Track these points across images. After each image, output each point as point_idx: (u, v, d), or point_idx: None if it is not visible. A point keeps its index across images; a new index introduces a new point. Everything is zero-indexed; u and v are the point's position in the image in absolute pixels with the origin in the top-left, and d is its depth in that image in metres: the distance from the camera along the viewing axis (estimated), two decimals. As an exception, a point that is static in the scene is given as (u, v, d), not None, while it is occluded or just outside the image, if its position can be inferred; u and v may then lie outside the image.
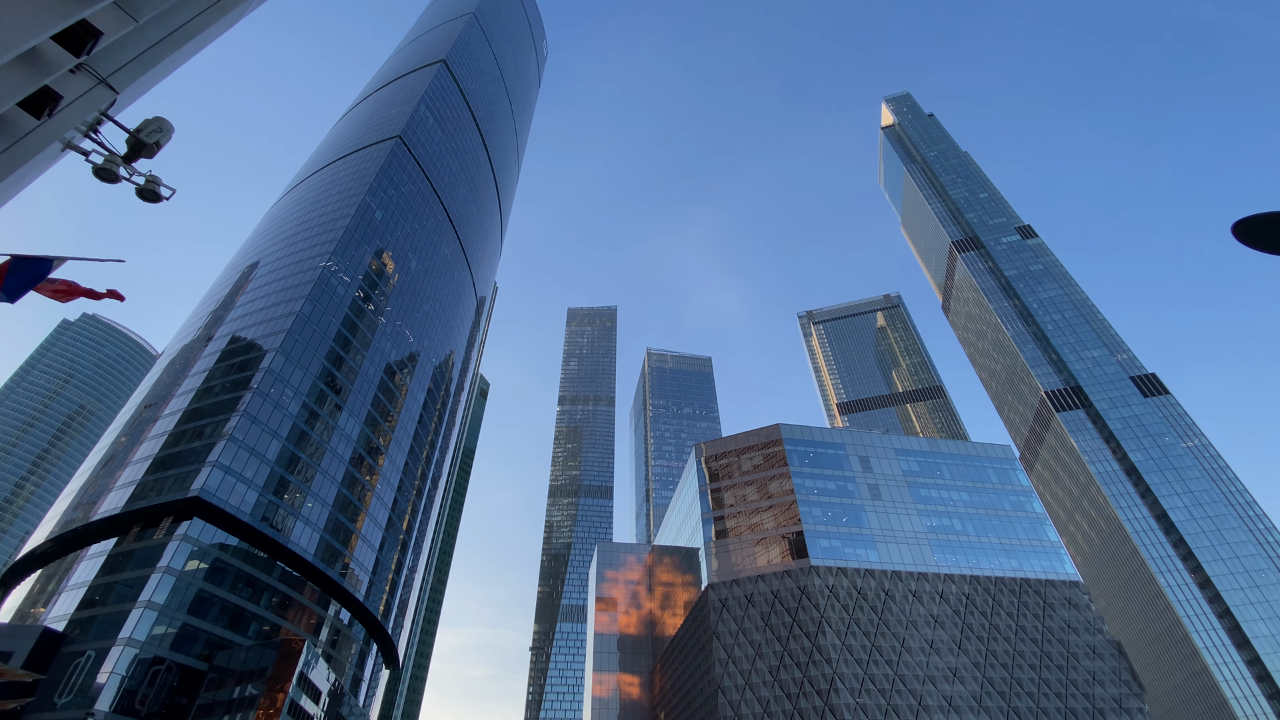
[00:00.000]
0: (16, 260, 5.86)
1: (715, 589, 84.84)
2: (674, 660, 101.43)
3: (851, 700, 71.08)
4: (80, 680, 56.02)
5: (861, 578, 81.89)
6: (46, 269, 5.99)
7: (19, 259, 5.86)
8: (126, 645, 57.89)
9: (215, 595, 67.47)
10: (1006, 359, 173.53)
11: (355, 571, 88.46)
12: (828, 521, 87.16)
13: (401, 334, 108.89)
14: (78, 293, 6.35)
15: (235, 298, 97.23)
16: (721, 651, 78.86)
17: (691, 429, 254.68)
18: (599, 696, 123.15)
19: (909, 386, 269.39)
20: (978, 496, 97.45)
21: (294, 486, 78.73)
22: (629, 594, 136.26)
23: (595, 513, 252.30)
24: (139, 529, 68.51)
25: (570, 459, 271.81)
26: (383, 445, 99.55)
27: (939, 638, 78.67)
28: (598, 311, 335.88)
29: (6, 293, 5.51)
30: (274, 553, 75.15)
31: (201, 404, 77.34)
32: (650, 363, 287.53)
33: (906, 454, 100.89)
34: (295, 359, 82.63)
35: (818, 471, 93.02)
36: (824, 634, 75.75)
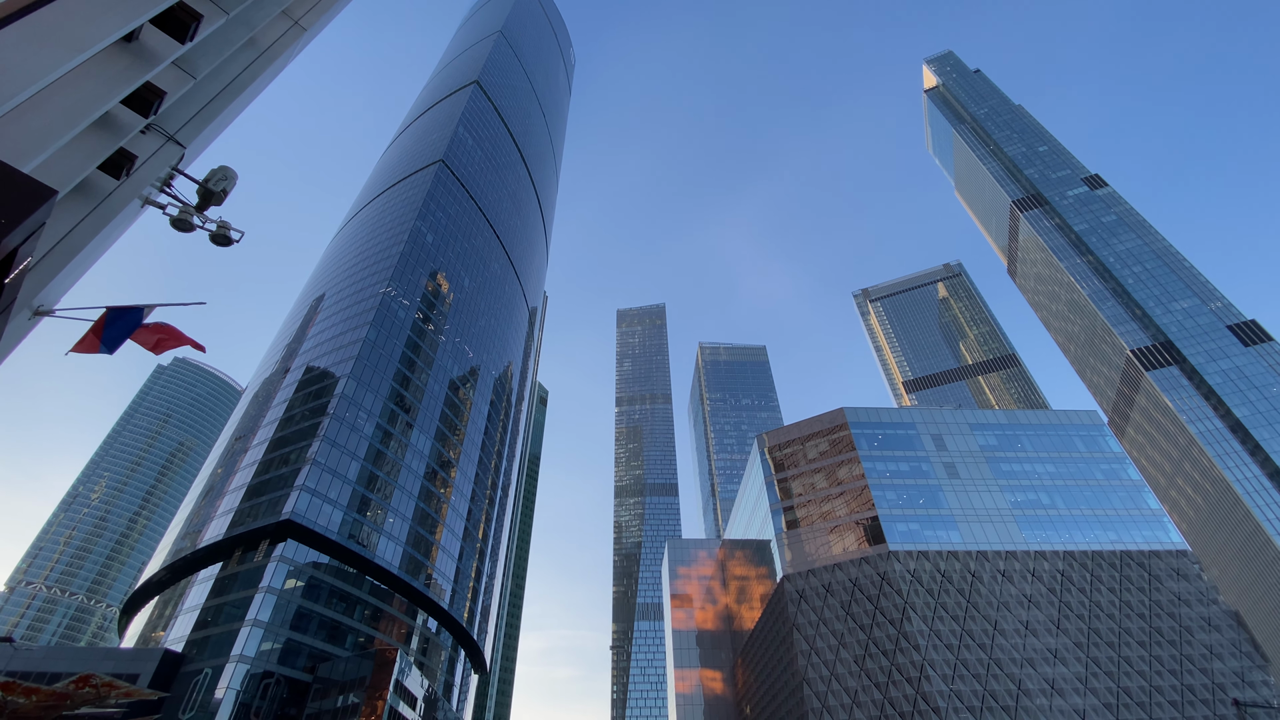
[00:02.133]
0: (112, 312, 6.42)
1: (791, 580, 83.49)
2: (755, 654, 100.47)
3: (945, 687, 68.43)
4: (200, 696, 60.69)
5: (945, 560, 78.68)
6: (139, 318, 6.53)
7: (114, 310, 6.42)
8: (239, 661, 62.31)
9: (313, 611, 71.72)
10: (1084, 319, 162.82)
11: (438, 581, 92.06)
12: (903, 504, 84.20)
13: (461, 350, 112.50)
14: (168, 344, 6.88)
15: (306, 330, 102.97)
16: (803, 643, 77.52)
17: (751, 420, 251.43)
18: (682, 693, 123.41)
19: (979, 358, 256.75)
20: (1065, 467, 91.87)
21: (375, 504, 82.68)
22: (703, 589, 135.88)
23: (662, 510, 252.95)
24: (240, 553, 73.60)
25: (633, 459, 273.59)
26: (453, 458, 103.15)
27: (1034, 618, 74.65)
28: (646, 311, 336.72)
29: (106, 344, 6.06)
30: (362, 568, 79.17)
31: (285, 432, 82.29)
32: (703, 357, 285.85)
33: (983, 428, 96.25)
34: (366, 382, 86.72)
35: (888, 453, 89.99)
36: (909, 620, 73.23)
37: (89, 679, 10.88)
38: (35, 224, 3.34)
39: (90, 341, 6.03)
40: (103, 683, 11.01)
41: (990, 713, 66.93)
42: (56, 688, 10.58)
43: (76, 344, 6.01)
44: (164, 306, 6.63)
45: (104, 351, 5.94)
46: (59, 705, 10.68)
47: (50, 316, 6.15)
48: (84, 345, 6.05)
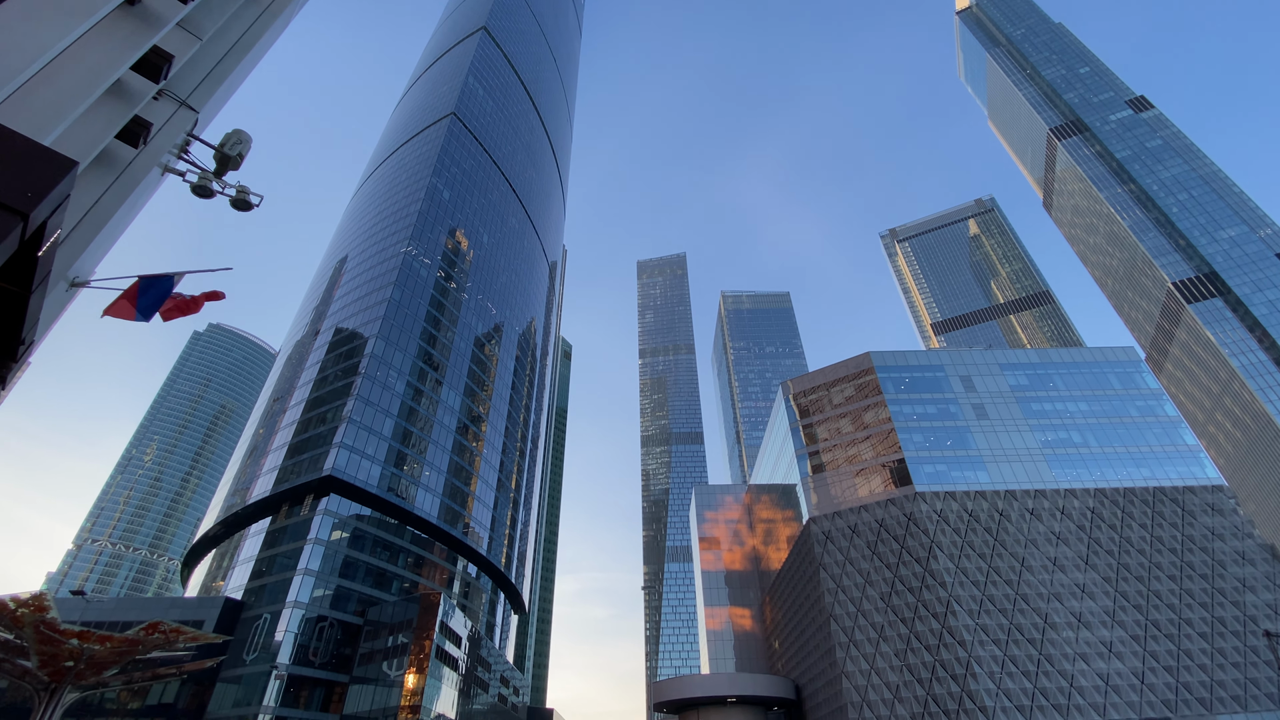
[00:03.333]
0: (144, 280, 6.56)
1: (817, 522, 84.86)
2: (782, 592, 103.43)
3: (971, 621, 69.84)
4: (261, 639, 65.18)
5: (972, 500, 78.93)
6: (170, 285, 6.67)
7: (146, 279, 6.56)
8: (294, 607, 66.45)
9: (359, 559, 75.64)
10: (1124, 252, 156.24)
11: (475, 529, 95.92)
12: (930, 446, 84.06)
13: (484, 307, 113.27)
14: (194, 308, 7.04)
15: (333, 292, 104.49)
16: (829, 581, 79.42)
17: (776, 368, 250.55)
18: (712, 629, 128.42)
19: (1011, 296, 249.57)
20: (1099, 405, 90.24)
21: (411, 458, 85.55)
22: (730, 532, 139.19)
23: (688, 459, 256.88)
24: (287, 507, 77.36)
25: (658, 409, 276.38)
26: (483, 413, 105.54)
27: (1063, 554, 75.03)
28: (667, 261, 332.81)
29: (141, 312, 6.24)
30: (402, 518, 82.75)
31: (320, 393, 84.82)
32: (726, 306, 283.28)
33: (1014, 368, 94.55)
34: (394, 342, 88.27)
35: (916, 396, 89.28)
36: (935, 558, 74.25)
37: (158, 625, 11.67)
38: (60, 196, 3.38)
39: (124, 307, 6.21)
40: (170, 628, 11.82)
41: (1016, 645, 68.35)
42: (129, 634, 11.41)
43: (109, 307, 6.19)
44: (193, 273, 6.75)
45: (139, 319, 6.12)
46: (132, 650, 11.53)
47: (86, 288, 6.30)
48: (117, 309, 6.24)
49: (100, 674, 11.69)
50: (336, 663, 68.23)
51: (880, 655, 72.27)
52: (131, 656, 11.58)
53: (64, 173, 3.49)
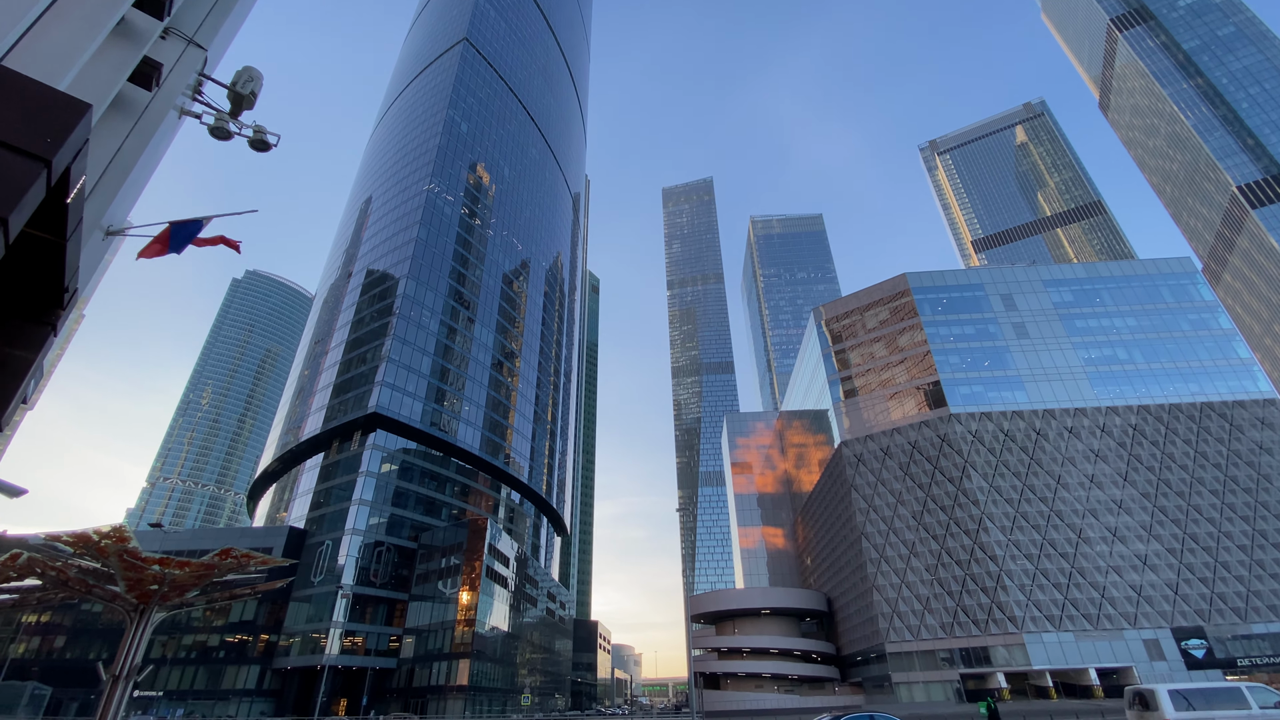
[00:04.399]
0: (175, 225, 6.71)
1: (849, 445, 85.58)
2: (814, 512, 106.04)
3: (1003, 537, 70.83)
4: (326, 563, 70.43)
5: (1009, 420, 78.14)
6: (199, 228, 6.82)
7: (176, 225, 6.70)
8: (353, 534, 71.23)
9: (409, 489, 79.95)
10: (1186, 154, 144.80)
11: (516, 459, 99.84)
12: (967, 367, 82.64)
13: (510, 243, 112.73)
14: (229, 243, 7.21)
15: (361, 234, 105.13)
16: (861, 501, 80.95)
17: (808, 293, 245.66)
18: (746, 548, 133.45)
19: (1059, 208, 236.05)
20: (1148, 320, 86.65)
21: (450, 394, 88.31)
22: (762, 457, 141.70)
23: (719, 388, 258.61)
24: (337, 443, 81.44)
25: (688, 340, 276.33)
26: (516, 349, 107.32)
27: (1100, 472, 74.47)
28: (693, 187, 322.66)
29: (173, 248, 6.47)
30: (446, 451, 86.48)
31: (358, 334, 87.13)
32: (755, 231, 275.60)
33: (1058, 284, 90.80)
34: (424, 281, 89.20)
35: (953, 317, 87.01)
36: (969, 478, 74.63)
37: (229, 551, 12.67)
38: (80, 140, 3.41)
39: (156, 249, 6.44)
40: (241, 554, 12.82)
41: (1048, 559, 69.34)
42: (204, 559, 12.44)
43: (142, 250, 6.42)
44: (220, 217, 6.86)
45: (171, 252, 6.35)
46: (208, 574, 12.61)
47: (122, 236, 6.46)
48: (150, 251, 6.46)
49: (182, 595, 12.87)
50: (395, 583, 73.69)
51: (911, 570, 74.33)
52: (208, 579, 12.67)
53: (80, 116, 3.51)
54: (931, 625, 70.76)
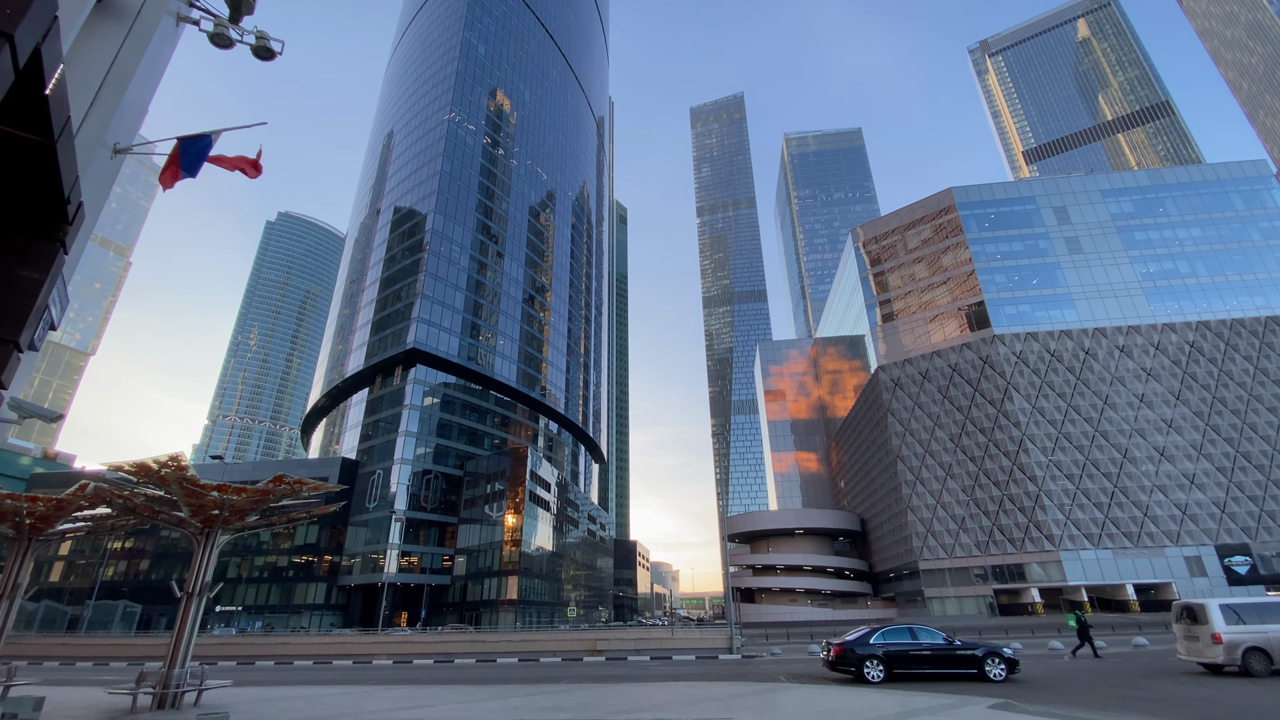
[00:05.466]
0: (183, 142, 6.37)
1: (886, 370, 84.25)
2: (849, 437, 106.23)
3: (1043, 458, 69.93)
4: (379, 491, 74.37)
5: (1056, 340, 75.32)
6: (208, 143, 6.46)
7: (184, 140, 6.35)
8: (403, 464, 74.64)
9: (452, 421, 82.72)
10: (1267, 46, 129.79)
11: (552, 391, 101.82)
12: (1014, 286, 79.14)
13: (534, 173, 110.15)
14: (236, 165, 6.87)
15: (385, 169, 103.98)
16: (897, 425, 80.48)
17: (845, 215, 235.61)
18: (780, 472, 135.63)
19: (1121, 111, 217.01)
20: (1215, 230, 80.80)
21: (484, 329, 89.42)
22: (796, 384, 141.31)
23: (751, 317, 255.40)
24: (380, 378, 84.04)
25: (719, 269, 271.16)
26: (547, 283, 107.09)
27: (1151, 391, 71.86)
28: (723, 104, 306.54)
29: (185, 170, 6.15)
30: (485, 384, 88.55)
31: (391, 272, 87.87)
32: (789, 150, 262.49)
33: (1117, 194, 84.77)
34: (451, 215, 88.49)
35: (1001, 234, 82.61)
36: (1010, 399, 73.06)
37: (282, 478, 13.11)
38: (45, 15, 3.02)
39: (172, 173, 6.15)
40: (294, 480, 13.27)
41: (1090, 479, 68.44)
42: (259, 485, 12.90)
43: (160, 175, 6.15)
44: (229, 130, 6.50)
45: (185, 176, 6.06)
46: (264, 499, 13.12)
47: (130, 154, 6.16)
48: (167, 177, 6.18)
49: (243, 519, 13.60)
50: (445, 507, 77.83)
51: (947, 491, 74.52)
52: (265, 504, 13.31)
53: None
54: (966, 544, 71.55)
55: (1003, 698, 12.44)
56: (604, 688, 15.82)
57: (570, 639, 32.68)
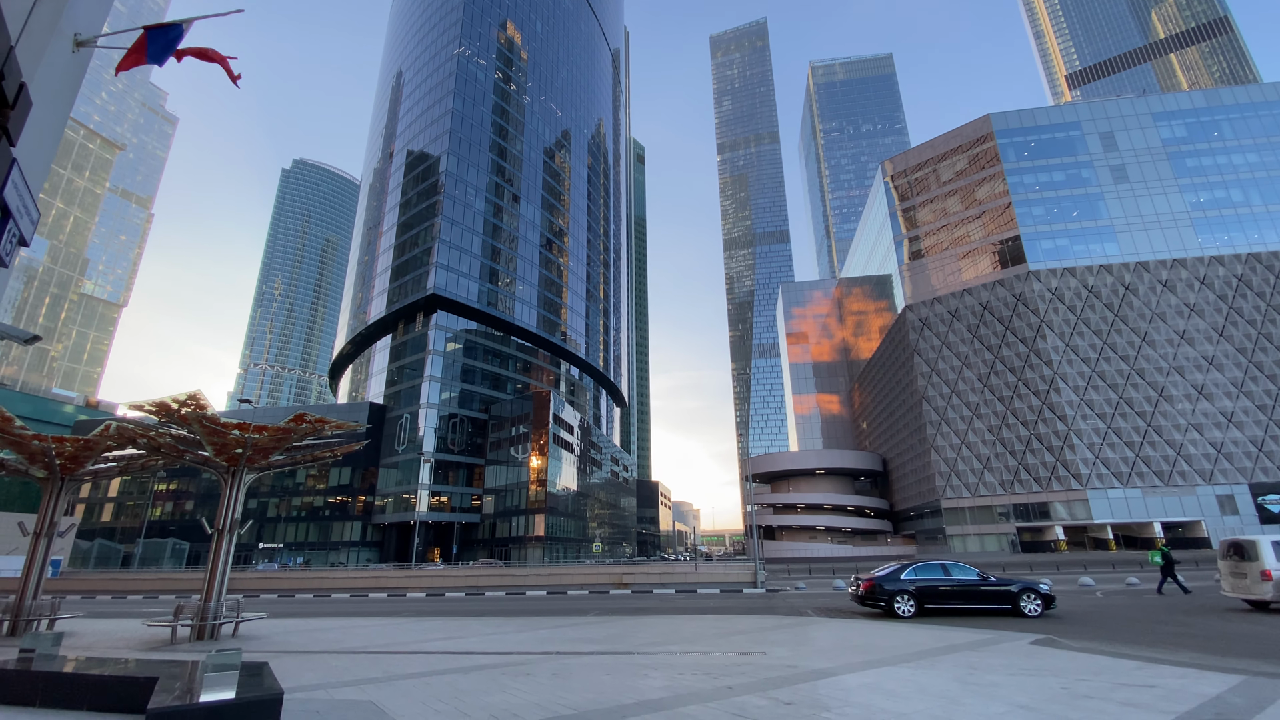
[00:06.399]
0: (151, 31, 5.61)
1: (913, 309, 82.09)
2: (872, 378, 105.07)
3: (1075, 397, 68.37)
4: (407, 434, 76.00)
5: (1094, 275, 72.23)
6: (179, 34, 5.72)
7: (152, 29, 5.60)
8: (428, 408, 75.89)
9: (475, 366, 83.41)
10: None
11: (572, 336, 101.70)
12: (1052, 219, 75.45)
13: (548, 110, 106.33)
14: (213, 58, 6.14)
15: (397, 111, 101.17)
16: (923, 366, 79.04)
17: (873, 148, 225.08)
18: (801, 414, 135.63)
19: (1176, 29, 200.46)
20: (1274, 154, 75.48)
21: (503, 274, 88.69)
22: (819, 326, 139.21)
23: (773, 258, 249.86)
24: (403, 325, 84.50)
25: (740, 209, 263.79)
26: (564, 226, 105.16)
27: (1193, 327, 69.04)
28: (744, 32, 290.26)
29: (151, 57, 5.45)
30: (505, 329, 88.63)
31: (407, 216, 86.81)
32: (815, 79, 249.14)
33: (1169, 117, 79.19)
34: (465, 156, 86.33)
35: (1041, 163, 78.15)
36: (1043, 338, 70.93)
37: (303, 416, 12.89)
38: None
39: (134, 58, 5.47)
40: (315, 418, 13.04)
41: (1123, 418, 66.95)
42: (280, 424, 12.70)
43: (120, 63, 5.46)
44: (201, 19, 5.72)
45: (151, 63, 5.37)
46: (286, 437, 12.94)
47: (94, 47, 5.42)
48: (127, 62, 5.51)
49: (267, 458, 13.59)
50: (471, 449, 79.57)
51: (973, 431, 73.71)
52: (288, 443, 13.25)
53: None
54: (990, 483, 71.24)
55: (1042, 633, 12.12)
56: (632, 620, 15.94)
57: (597, 573, 33.45)
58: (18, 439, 13.30)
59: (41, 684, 5.65)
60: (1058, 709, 6.26)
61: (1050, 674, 8.04)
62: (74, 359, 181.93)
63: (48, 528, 14.06)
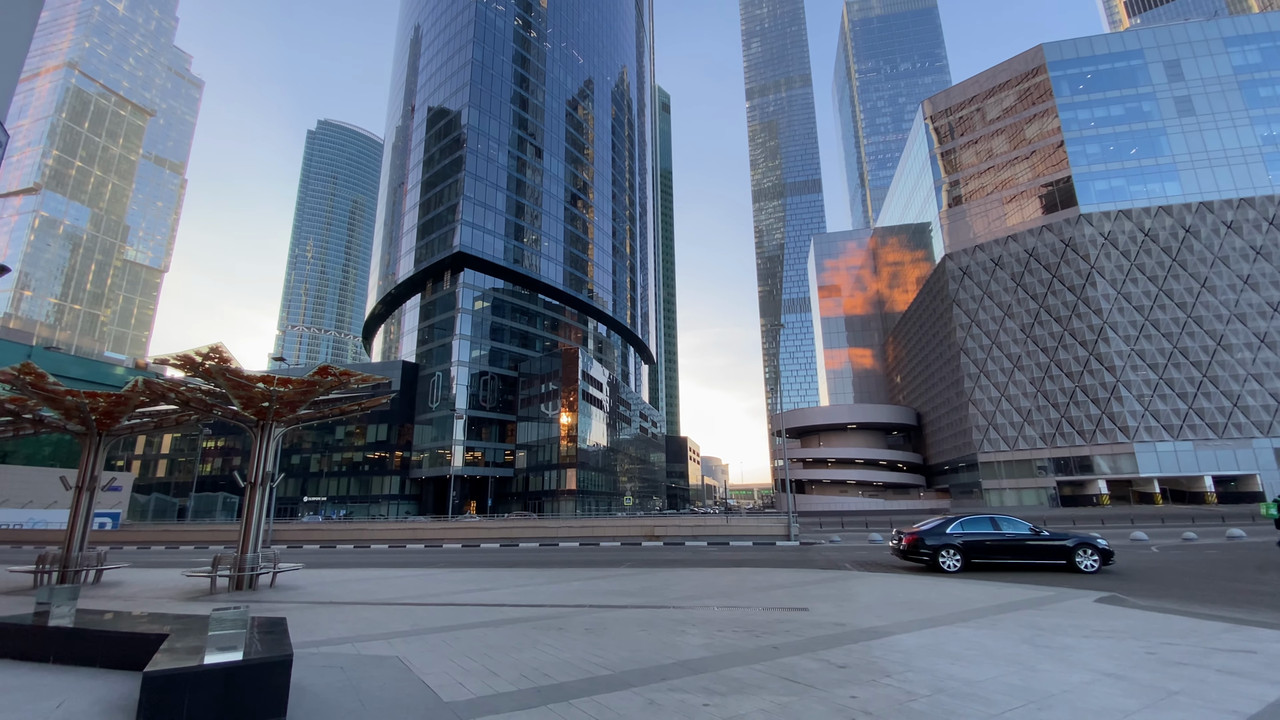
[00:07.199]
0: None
1: (953, 258, 78.72)
2: (907, 331, 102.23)
3: (1124, 347, 65.29)
4: (440, 392, 77.14)
5: (1152, 217, 67.82)
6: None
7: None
8: (459, 365, 76.67)
9: (503, 324, 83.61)
10: None
11: (599, 293, 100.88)
12: (1108, 158, 70.60)
13: (570, 57, 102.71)
14: None
15: (416, 66, 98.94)
16: (963, 317, 76.24)
17: (912, 89, 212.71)
18: (833, 369, 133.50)
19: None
20: (1361, 80, 68.95)
21: (528, 230, 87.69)
22: (852, 279, 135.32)
23: (804, 209, 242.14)
24: (431, 283, 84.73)
25: (770, 159, 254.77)
26: (588, 180, 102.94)
27: (1259, 271, 64.63)
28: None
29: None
30: (532, 287, 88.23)
31: (430, 173, 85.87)
32: (850, 15, 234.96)
33: (1242, 42, 72.43)
34: (486, 109, 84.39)
35: (1098, 96, 72.68)
36: (1093, 285, 67.41)
37: (327, 369, 12.57)
38: None
39: None
40: (340, 371, 12.72)
41: (1176, 368, 63.85)
42: (305, 377, 12.39)
43: None
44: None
45: None
46: (312, 390, 12.67)
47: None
48: None
49: (295, 411, 13.47)
50: (503, 406, 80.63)
51: (1013, 384, 71.39)
52: (314, 396, 13.08)
53: None
54: (1030, 436, 69.31)
55: (1104, 590, 11.38)
56: (666, 572, 15.70)
57: (628, 525, 33.62)
58: (52, 395, 13.38)
59: (56, 640, 5.47)
60: (1149, 677, 5.59)
61: (1129, 636, 7.34)
62: (122, 323, 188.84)
63: (89, 481, 14.30)
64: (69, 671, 5.25)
